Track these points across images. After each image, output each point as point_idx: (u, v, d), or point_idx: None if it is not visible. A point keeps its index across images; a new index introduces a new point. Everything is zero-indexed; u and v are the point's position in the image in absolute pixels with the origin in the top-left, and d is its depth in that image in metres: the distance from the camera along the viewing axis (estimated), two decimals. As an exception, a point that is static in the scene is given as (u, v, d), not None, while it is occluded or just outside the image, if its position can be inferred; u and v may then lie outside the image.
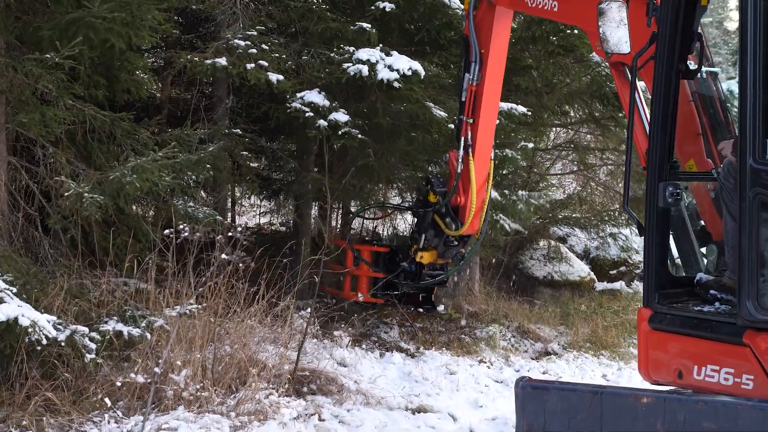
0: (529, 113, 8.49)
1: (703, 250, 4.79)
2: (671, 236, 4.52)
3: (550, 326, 9.72)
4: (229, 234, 6.03)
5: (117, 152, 6.19)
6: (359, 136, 7.35)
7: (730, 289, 4.13)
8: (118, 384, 4.96)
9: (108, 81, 6.21)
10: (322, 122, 7.18)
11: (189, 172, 6.47)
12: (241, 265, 5.65)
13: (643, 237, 4.35)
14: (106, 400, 4.79)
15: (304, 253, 7.74)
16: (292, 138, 9.12)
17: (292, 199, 9.50)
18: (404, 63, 7.13)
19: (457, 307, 9.47)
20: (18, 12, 5.62)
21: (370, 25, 7.45)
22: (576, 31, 8.18)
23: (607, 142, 11.33)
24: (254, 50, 7.11)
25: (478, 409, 6.59)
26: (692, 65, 4.36)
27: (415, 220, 7.56)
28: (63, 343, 4.85)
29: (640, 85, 5.11)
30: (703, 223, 4.89)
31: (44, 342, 4.66)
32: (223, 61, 6.98)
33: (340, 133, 7.21)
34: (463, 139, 6.89)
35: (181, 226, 5.61)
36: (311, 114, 7.22)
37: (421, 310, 8.08)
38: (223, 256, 5.57)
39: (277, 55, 7.34)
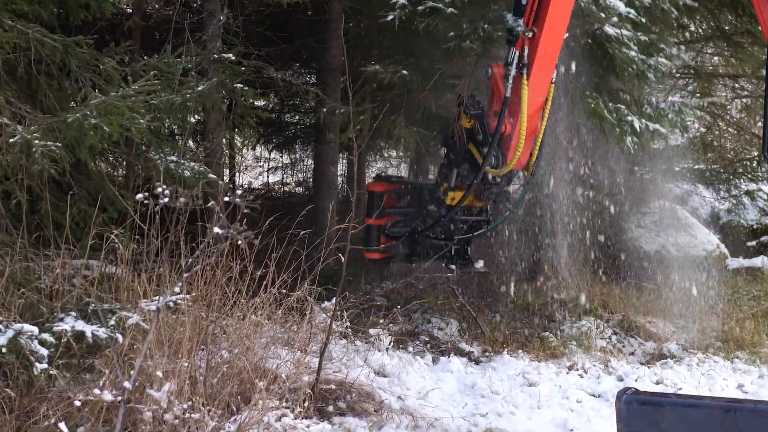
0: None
1: None
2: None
3: (665, 319, 9.74)
4: (227, 198, 5.95)
5: (72, 90, 6.19)
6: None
7: None
8: (78, 403, 4.93)
9: (59, -7, 6.22)
10: None
11: (170, 118, 6.44)
12: (241, 241, 5.56)
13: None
14: (62, 425, 4.74)
15: (329, 223, 7.66)
16: (311, 62, 8.92)
17: (312, 149, 9.39)
18: None
19: (538, 291, 9.44)
20: None
21: None
22: None
23: (740, 67, 11.21)
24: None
25: (567, 434, 6.62)
26: None
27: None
28: (3, 349, 4.84)
29: None
30: None
31: (-24, 348, 4.66)
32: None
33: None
34: (517, 54, 6.86)
35: (161, 189, 5.53)
36: None
37: (452, 266, 8.12)
38: (217, 229, 5.49)
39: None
